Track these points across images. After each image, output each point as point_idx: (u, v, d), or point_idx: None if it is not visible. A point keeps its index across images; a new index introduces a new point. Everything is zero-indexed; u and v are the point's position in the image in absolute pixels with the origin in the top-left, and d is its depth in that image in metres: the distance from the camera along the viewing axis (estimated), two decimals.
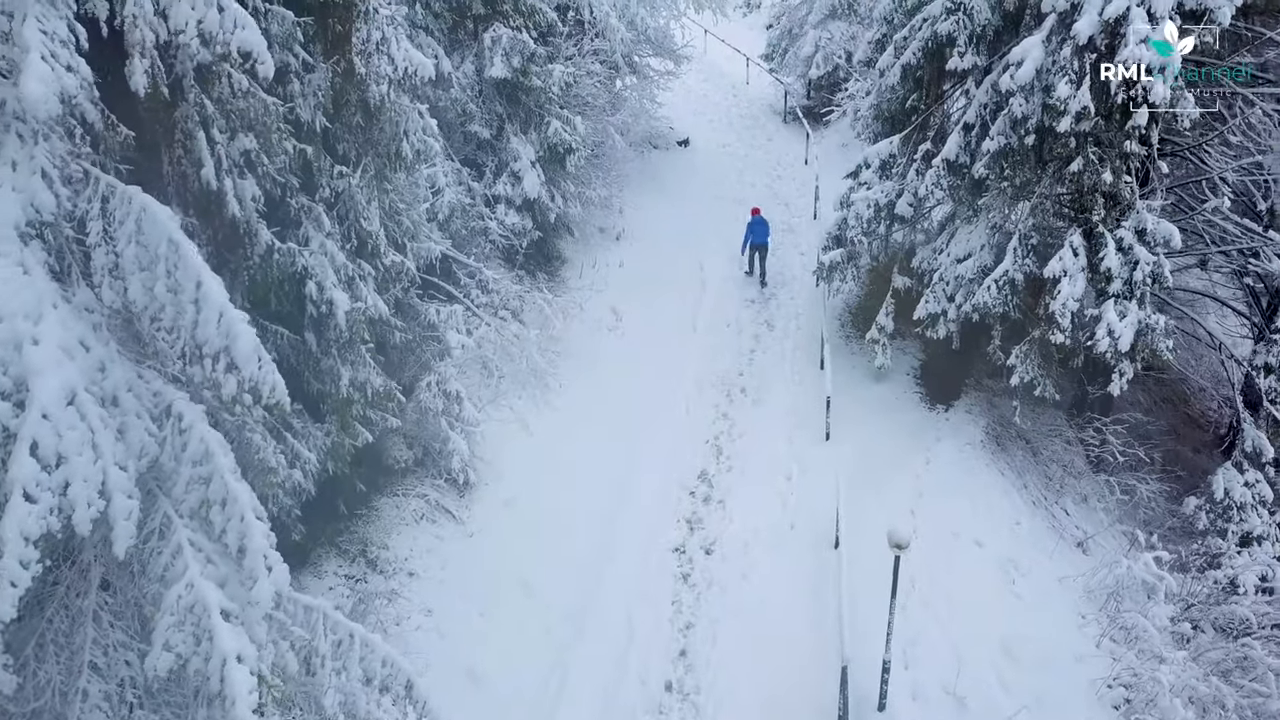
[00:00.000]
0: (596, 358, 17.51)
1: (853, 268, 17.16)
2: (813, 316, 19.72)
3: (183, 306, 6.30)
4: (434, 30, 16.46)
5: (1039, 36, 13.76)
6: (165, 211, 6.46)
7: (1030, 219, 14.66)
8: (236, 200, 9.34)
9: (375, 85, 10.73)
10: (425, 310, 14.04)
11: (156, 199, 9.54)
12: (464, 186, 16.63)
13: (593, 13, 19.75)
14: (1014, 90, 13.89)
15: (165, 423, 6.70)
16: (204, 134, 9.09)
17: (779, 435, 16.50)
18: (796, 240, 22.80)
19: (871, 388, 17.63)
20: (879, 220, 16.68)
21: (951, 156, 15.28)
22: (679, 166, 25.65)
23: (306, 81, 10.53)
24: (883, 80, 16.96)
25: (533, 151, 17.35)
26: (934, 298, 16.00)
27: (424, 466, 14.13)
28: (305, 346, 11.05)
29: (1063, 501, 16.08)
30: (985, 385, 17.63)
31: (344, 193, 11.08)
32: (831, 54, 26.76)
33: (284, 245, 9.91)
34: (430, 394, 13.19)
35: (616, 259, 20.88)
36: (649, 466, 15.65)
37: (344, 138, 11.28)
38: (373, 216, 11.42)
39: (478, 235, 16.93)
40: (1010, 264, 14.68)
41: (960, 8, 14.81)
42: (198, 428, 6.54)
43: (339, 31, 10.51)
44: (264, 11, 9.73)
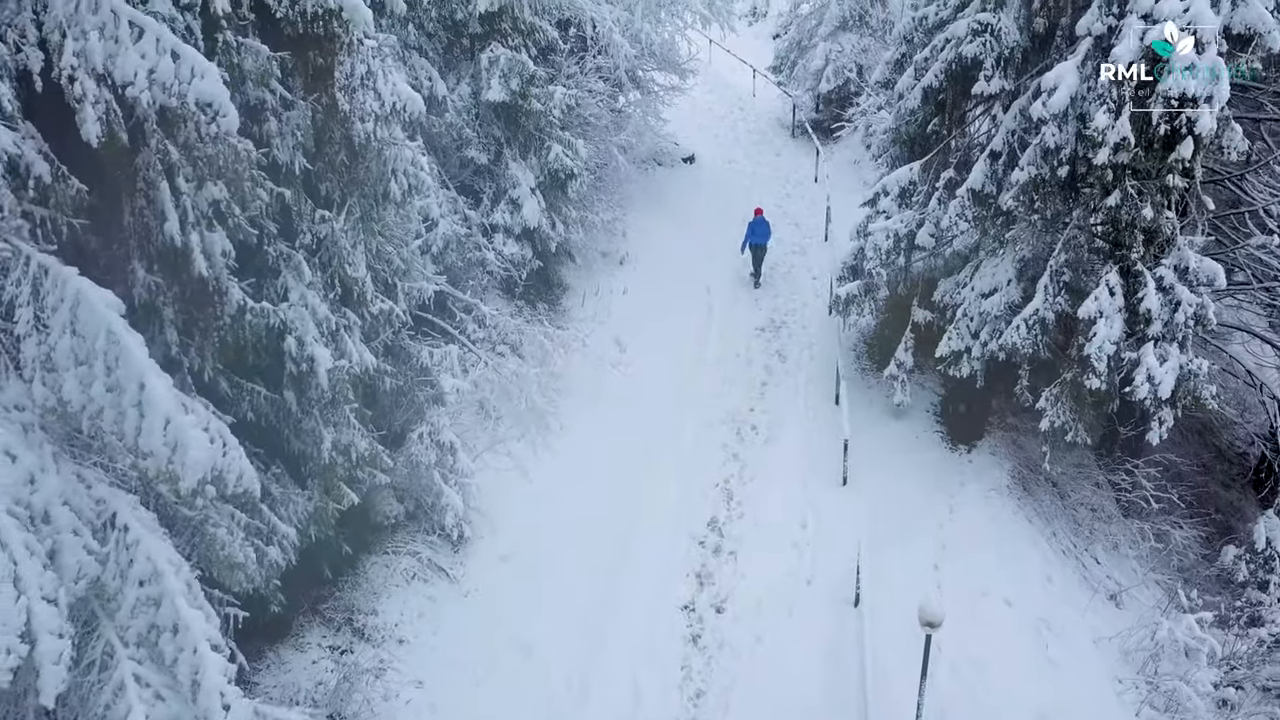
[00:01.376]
0: (600, 394, 16.61)
1: (870, 300, 16.26)
2: (826, 346, 18.83)
3: (124, 410, 5.42)
4: (428, 51, 15.58)
5: (1073, 61, 12.86)
6: (105, 298, 5.59)
7: (1062, 254, 13.75)
8: (204, 256, 8.45)
9: (360, 122, 9.84)
10: (418, 353, 13.14)
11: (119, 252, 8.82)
12: (460, 216, 15.74)
13: (595, 28, 18.85)
14: (1046, 118, 12.99)
15: (109, 535, 5.80)
16: (168, 183, 8.21)
17: (793, 478, 15.60)
18: (808, 263, 21.90)
19: (890, 425, 16.74)
20: (898, 251, 15.77)
21: (977, 186, 14.38)
22: (684, 184, 24.75)
23: (284, 120, 9.63)
24: (902, 103, 16.05)
25: (532, 177, 16.45)
26: (957, 334, 15.11)
27: (416, 520, 13.24)
28: (284, 405, 10.16)
29: (1093, 549, 15.20)
30: (1009, 423, 16.76)
31: (326, 238, 10.18)
32: (842, 67, 25.84)
33: (258, 305, 9.01)
34: (422, 446, 12.30)
35: (620, 285, 19.97)
36: (655, 513, 14.78)
37: (327, 177, 10.38)
38: (358, 262, 10.52)
39: (474, 266, 16.03)
40: (1041, 302, 13.78)
41: (987, 29, 13.91)
42: (146, 542, 5.67)
43: (320, 65, 9.61)
44: (235, 46, 8.83)
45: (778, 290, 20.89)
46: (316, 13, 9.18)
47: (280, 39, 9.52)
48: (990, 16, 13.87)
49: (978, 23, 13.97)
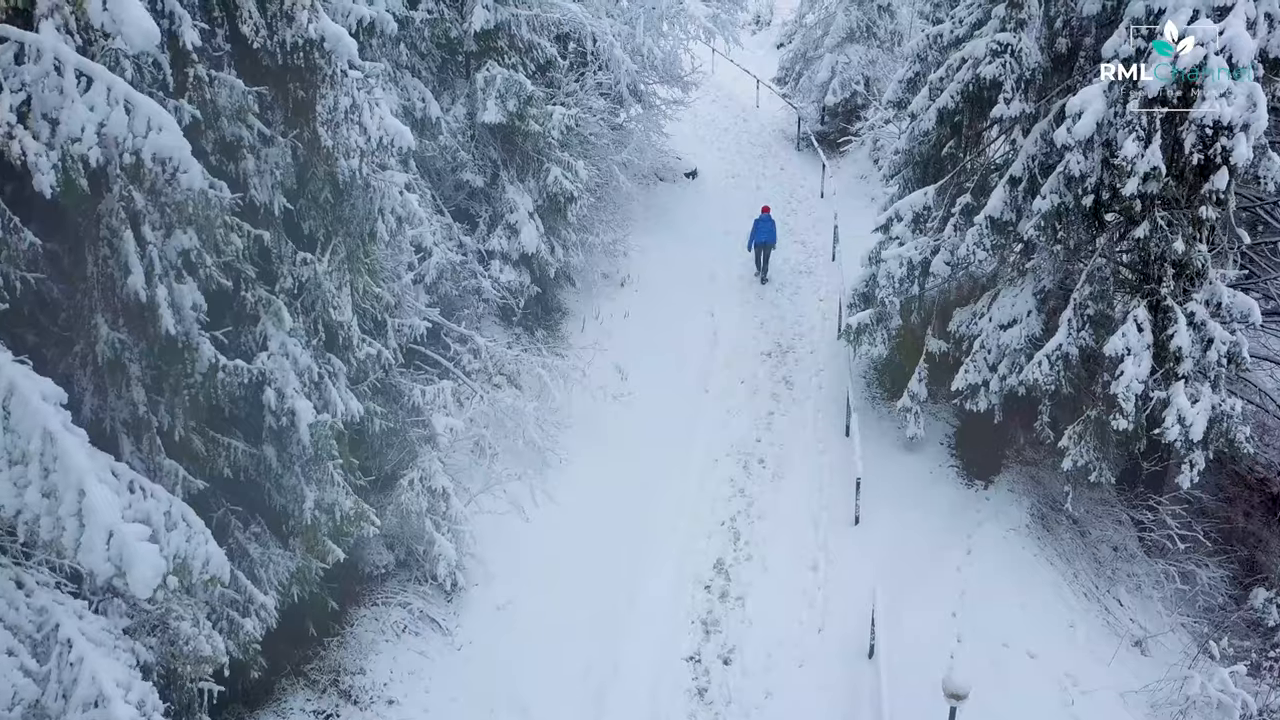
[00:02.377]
0: (600, 427, 15.95)
1: (883, 329, 15.58)
2: (835, 372, 18.17)
3: (62, 519, 4.76)
4: (421, 70, 14.91)
5: (1099, 86, 12.19)
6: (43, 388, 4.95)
7: (1086, 286, 13.09)
8: (172, 310, 7.79)
9: (345, 159, 9.17)
10: (409, 391, 12.49)
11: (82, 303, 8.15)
12: (454, 242, 15.08)
13: (596, 43, 18.17)
14: (1071, 145, 12.34)
15: (51, 650, 5.13)
16: (132, 232, 7.56)
17: (803, 517, 14.94)
18: (815, 284, 21.24)
19: (903, 459, 16.06)
20: (912, 279, 15.11)
21: (996, 213, 13.73)
22: (687, 200, 24.08)
23: (263, 157, 8.97)
24: (915, 124, 15.40)
25: (530, 201, 15.78)
26: (974, 367, 14.46)
27: (407, 568, 12.58)
28: (264, 459, 9.49)
29: (1116, 591, 14.53)
30: (1027, 456, 16.09)
31: (309, 281, 9.52)
32: (849, 80, 25.17)
33: (231, 363, 8.34)
34: (413, 493, 11.64)
35: (621, 309, 19.31)
36: (659, 555, 14.15)
37: (310, 215, 9.72)
38: (344, 304, 9.86)
39: (470, 295, 15.37)
40: (1064, 337, 13.12)
41: (1007, 50, 13.24)
42: (91, 660, 5.01)
43: (301, 98, 8.95)
44: (208, 81, 8.16)
45: (784, 313, 20.22)
46: (297, 43, 8.54)
47: (258, 71, 8.88)
48: (1010, 37, 13.20)
49: (997, 43, 13.30)
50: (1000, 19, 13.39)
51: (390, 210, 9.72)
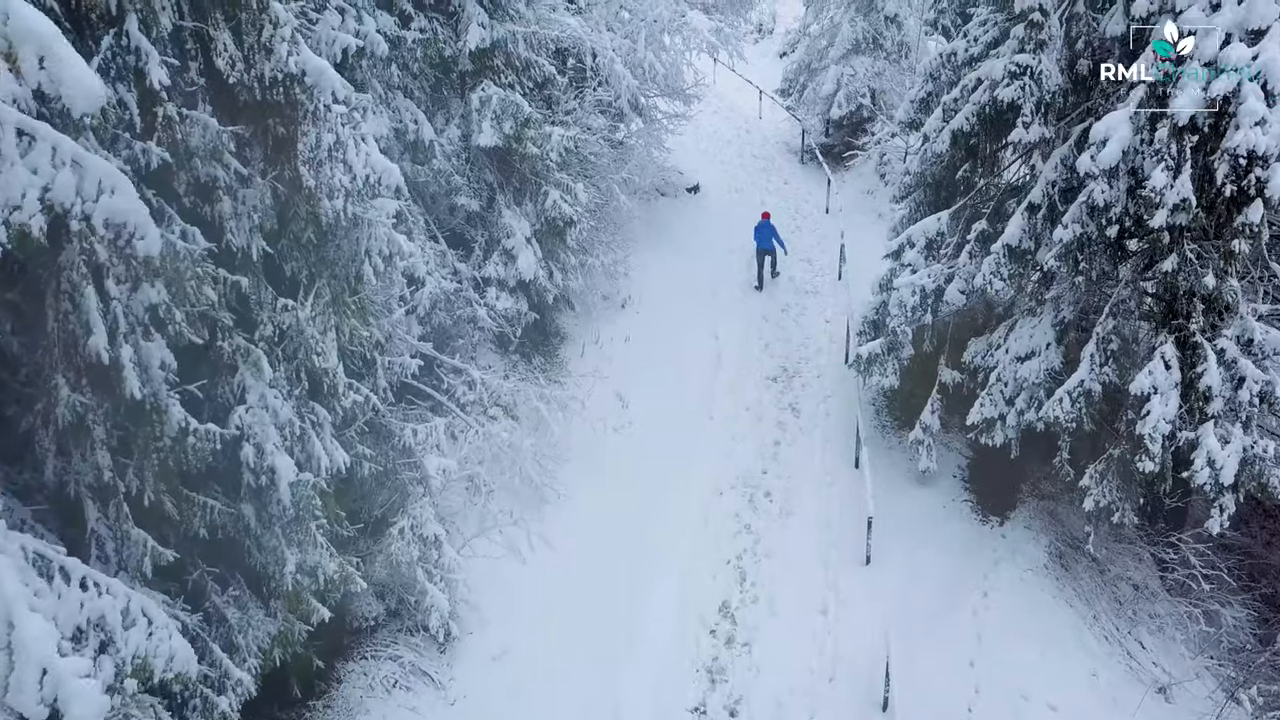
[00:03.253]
0: (600, 460, 15.36)
1: (894, 359, 14.99)
2: (843, 399, 17.57)
3: None
4: (413, 90, 14.31)
5: (1125, 112, 11.60)
6: None
7: (1110, 320, 12.52)
8: (139, 370, 7.20)
9: (328, 199, 8.57)
10: (400, 432, 11.89)
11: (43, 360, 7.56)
12: (449, 270, 14.48)
13: (595, 59, 17.58)
14: (1095, 174, 11.74)
15: None
16: (94, 287, 6.95)
17: (812, 555, 14.34)
18: (821, 304, 20.64)
19: (914, 493, 15.47)
20: (925, 308, 14.51)
21: (1014, 242, 13.15)
22: (689, 216, 23.48)
23: (240, 198, 8.38)
24: (928, 146, 14.81)
25: (528, 226, 15.19)
26: (990, 401, 13.89)
27: (398, 617, 12.00)
28: (243, 518, 8.90)
29: (1137, 632, 13.93)
30: (1043, 489, 15.50)
31: (291, 328, 8.92)
32: (854, 92, 24.56)
33: (203, 426, 7.74)
34: (403, 542, 11.05)
35: (622, 332, 18.71)
36: (662, 597, 13.54)
37: (292, 256, 9.13)
38: (329, 350, 9.27)
39: (465, 323, 14.77)
40: (1087, 373, 12.54)
41: (1026, 72, 12.65)
42: None
43: (281, 136, 8.36)
44: (178, 120, 7.57)
45: (789, 335, 19.63)
46: (276, 78, 7.96)
47: (235, 106, 8.29)
48: (1030, 59, 12.61)
49: (1016, 65, 12.71)
50: (1019, 39, 12.79)
51: (377, 252, 9.12)
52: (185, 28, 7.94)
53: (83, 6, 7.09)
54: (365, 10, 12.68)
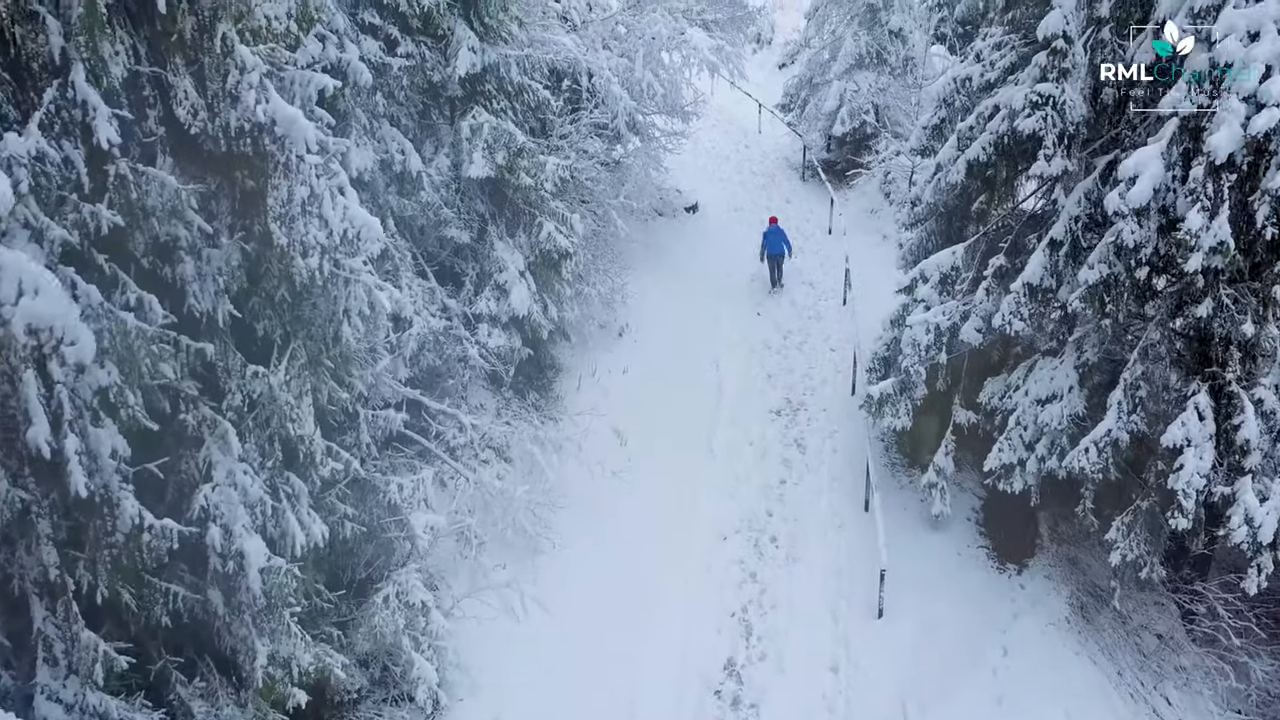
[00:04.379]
0: (598, 506, 14.62)
1: (906, 400, 14.27)
2: (850, 434, 16.86)
3: None
4: (400, 118, 13.56)
5: (1156, 147, 10.89)
6: None
7: (1138, 365, 11.81)
8: (87, 461, 6.44)
9: (302, 258, 7.83)
10: (385, 488, 11.13)
11: None
12: (438, 306, 13.75)
13: (591, 79, 16.85)
14: (1124, 213, 11.02)
15: None
16: (35, 372, 6.19)
17: (821, 607, 13.63)
18: (825, 331, 19.93)
19: (927, 539, 14.76)
20: (939, 346, 13.80)
21: (1035, 280, 12.43)
22: (687, 237, 22.77)
23: (204, 259, 7.63)
24: (942, 175, 14.09)
25: (521, 259, 14.44)
26: (1009, 445, 13.18)
27: (383, 686, 11.22)
28: (211, 604, 8.15)
29: (1163, 687, 13.22)
30: (1062, 533, 14.79)
31: (263, 395, 8.17)
32: (858, 108, 23.84)
33: (160, 523, 6.98)
34: (388, 611, 10.30)
35: (620, 363, 17.99)
36: (664, 653, 12.82)
37: (265, 314, 8.38)
38: (304, 417, 8.52)
39: (455, 362, 14.03)
40: (1114, 422, 11.83)
41: (1049, 102, 11.94)
42: None
43: (251, 189, 7.63)
44: (133, 179, 6.82)
45: (793, 364, 18.92)
46: (243, 128, 7.21)
47: (199, 158, 7.56)
48: (1052, 88, 11.91)
49: (1037, 95, 12.00)
50: (1040, 68, 12.08)
51: (357, 311, 8.38)
52: (142, 73, 7.19)
53: (23, 56, 6.36)
54: (348, 37, 11.96)
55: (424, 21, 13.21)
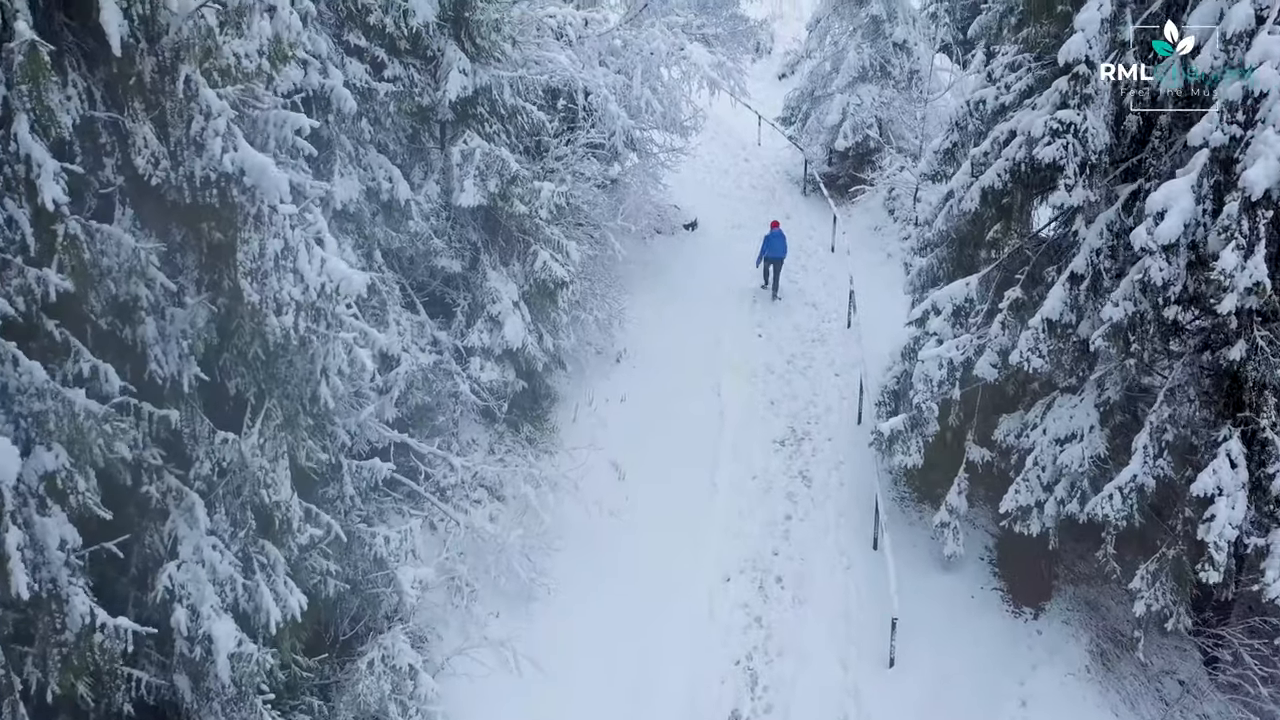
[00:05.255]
0: (595, 548, 13.99)
1: (918, 437, 13.67)
2: (857, 465, 16.26)
3: None
4: (388, 144, 12.93)
5: (1186, 180, 10.30)
6: None
7: (1165, 408, 11.23)
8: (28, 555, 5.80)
9: (275, 316, 7.20)
10: (370, 540, 10.50)
11: None
12: (428, 340, 13.12)
13: (588, 97, 16.25)
14: (1152, 249, 10.43)
15: None
16: None
17: (829, 655, 13.01)
18: (829, 354, 19.32)
19: (939, 580, 14.16)
20: (952, 381, 13.20)
21: (1054, 316, 11.83)
22: (686, 255, 22.16)
23: (168, 318, 7.00)
24: (954, 202, 13.52)
25: (515, 289, 13.81)
26: (1026, 487, 12.61)
27: None
28: (178, 690, 7.52)
29: None
30: (1079, 572, 14.20)
31: (234, 462, 7.54)
32: (861, 123, 23.21)
33: (114, 622, 6.35)
34: (373, 677, 9.68)
35: (618, 391, 17.37)
36: (667, 705, 12.23)
37: (237, 372, 7.75)
38: (280, 482, 7.88)
39: (447, 398, 13.41)
40: (1140, 466, 11.24)
41: (1070, 130, 11.32)
42: None
43: (219, 242, 7.01)
44: (84, 238, 6.19)
45: (796, 390, 18.30)
46: (208, 178, 6.57)
47: (162, 209, 6.92)
48: (1074, 115, 11.29)
49: (1058, 122, 11.38)
50: (1061, 93, 11.48)
51: (336, 370, 7.75)
52: (98, 119, 6.56)
53: None
54: (331, 61, 11.32)
55: (413, 43, 12.58)
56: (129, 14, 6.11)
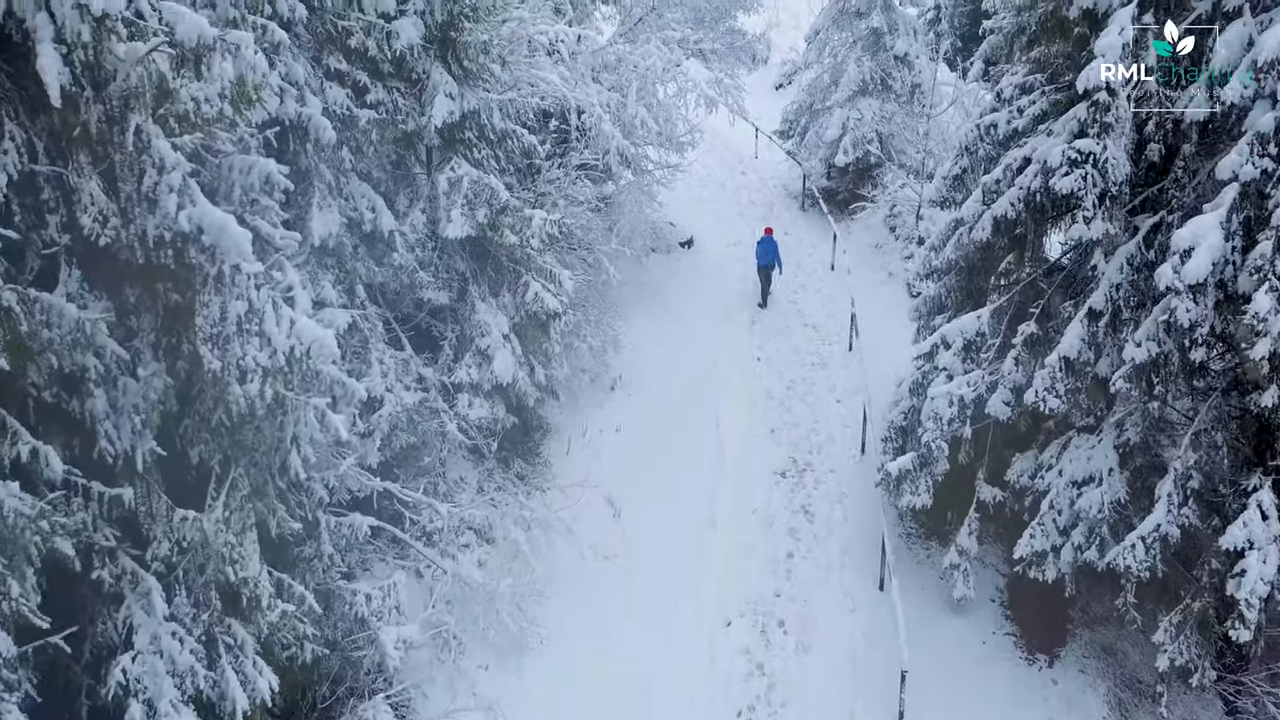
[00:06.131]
0: (589, 594, 13.37)
1: (926, 476, 13.08)
2: (861, 497, 15.67)
3: None
4: (371, 171, 12.31)
5: (1214, 216, 9.73)
6: None
7: (1191, 454, 10.66)
8: None
9: (240, 384, 6.57)
10: (352, 599, 9.88)
11: None
12: (413, 377, 12.50)
13: (581, 117, 15.65)
14: (1178, 289, 9.85)
15: None
16: None
17: (835, 706, 12.43)
18: (830, 379, 18.71)
19: (949, 624, 13.57)
20: (963, 419, 12.61)
21: (1072, 354, 11.24)
22: (682, 274, 21.55)
23: (121, 389, 6.36)
24: (964, 231, 12.91)
25: (505, 321, 13.19)
26: (1041, 531, 12.02)
27: None
28: None
29: None
30: (1094, 613, 13.63)
31: (195, 541, 6.91)
32: (861, 138, 22.60)
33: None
34: None
35: (613, 420, 16.76)
36: None
37: (200, 438, 7.12)
38: (248, 556, 7.26)
39: (434, 436, 12.79)
40: (1164, 516, 10.66)
41: (1089, 160, 10.74)
42: None
43: (176, 304, 6.37)
44: (19, 311, 5.56)
45: (797, 417, 17.70)
46: (162, 238, 5.94)
47: (113, 268, 6.28)
48: (1093, 144, 10.70)
49: (1077, 151, 10.79)
50: (1080, 121, 10.89)
51: (308, 439, 7.12)
52: (40, 173, 5.92)
53: None
54: (309, 88, 10.70)
55: (396, 65, 11.96)
56: (70, 59, 5.49)
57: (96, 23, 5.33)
